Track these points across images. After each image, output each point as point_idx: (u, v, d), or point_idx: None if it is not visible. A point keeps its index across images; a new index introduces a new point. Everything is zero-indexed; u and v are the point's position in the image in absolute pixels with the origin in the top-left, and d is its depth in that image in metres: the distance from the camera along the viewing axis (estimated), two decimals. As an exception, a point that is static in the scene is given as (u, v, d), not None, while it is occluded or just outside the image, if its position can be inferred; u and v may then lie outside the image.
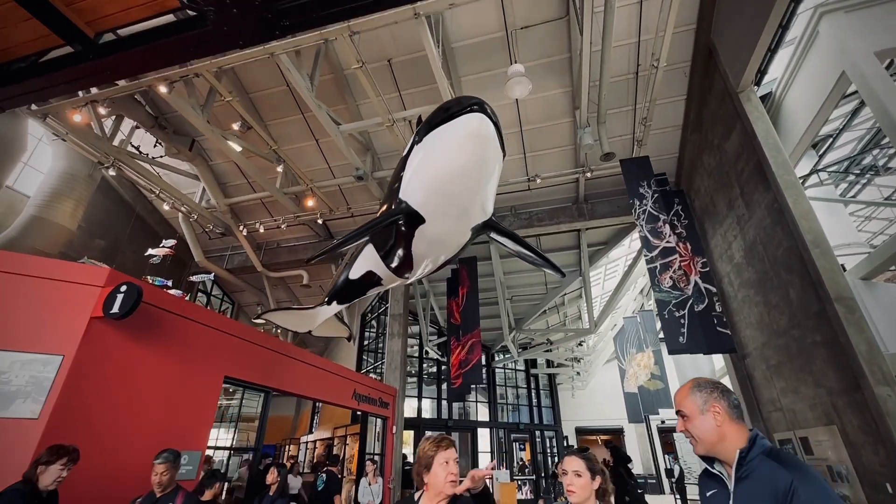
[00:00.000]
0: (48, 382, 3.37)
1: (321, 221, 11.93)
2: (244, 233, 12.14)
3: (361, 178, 10.18)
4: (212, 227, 12.52)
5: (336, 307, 8.47)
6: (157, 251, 10.74)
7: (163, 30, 2.93)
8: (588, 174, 9.95)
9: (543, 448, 17.63)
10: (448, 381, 12.05)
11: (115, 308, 3.65)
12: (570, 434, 23.64)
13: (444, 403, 15.59)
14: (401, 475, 9.66)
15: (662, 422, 22.30)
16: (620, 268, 14.86)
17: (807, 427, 6.48)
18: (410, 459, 12.20)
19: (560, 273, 5.62)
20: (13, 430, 3.21)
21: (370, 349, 14.48)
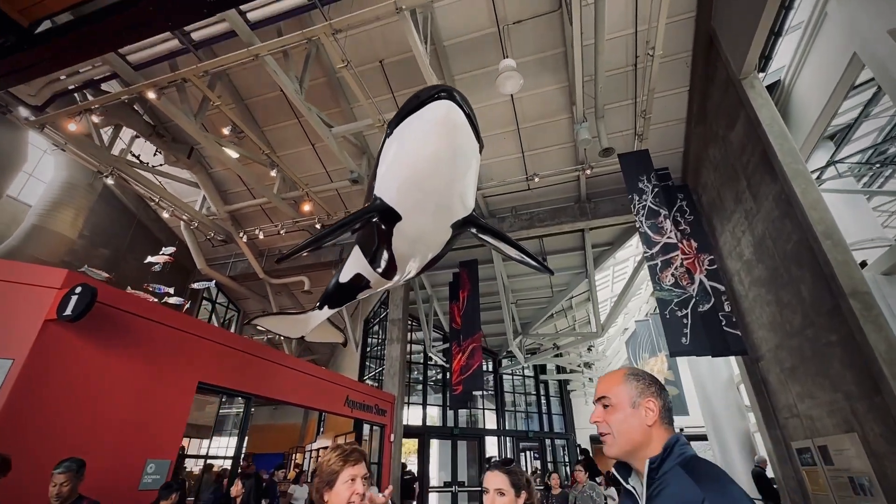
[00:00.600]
0: (-5, 388, 3.25)
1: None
2: (244, 239, 12.14)
3: (357, 181, 10.05)
4: (213, 235, 12.54)
5: (328, 311, 8.31)
6: (157, 259, 10.81)
7: (96, 14, 2.81)
8: (588, 171, 9.61)
9: (554, 457, 17.06)
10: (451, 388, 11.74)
11: (69, 310, 3.52)
12: (585, 442, 22.92)
13: (452, 411, 15.25)
14: (399, 485, 9.38)
15: (681, 430, 21.41)
16: (629, 269, 14.38)
17: (826, 435, 5.99)
18: (412, 469, 11.89)
19: (548, 271, 5.34)
20: (-43, 438, 3.08)
21: (373, 355, 14.28)
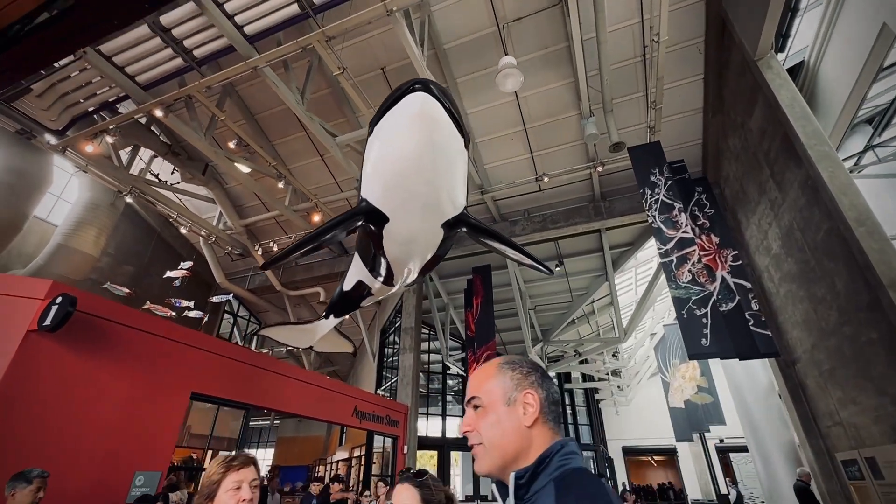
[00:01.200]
0: (-27, 400, 3.26)
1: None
2: (259, 252, 12.31)
3: (363, 190, 10.01)
4: (230, 249, 12.80)
5: (334, 320, 8.24)
6: (175, 273, 11.06)
7: (50, 20, 2.81)
8: (600, 168, 9.24)
9: (582, 470, 16.22)
10: (467, 398, 11.41)
11: (48, 320, 3.51)
12: (617, 454, 21.90)
13: (472, 422, 14.84)
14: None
15: (721, 440, 20.22)
16: (652, 271, 13.72)
17: (873, 445, 5.35)
18: (428, 482, 11.56)
19: (547, 270, 5.05)
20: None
21: (390, 365, 14.13)
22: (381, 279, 6.31)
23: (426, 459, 14.17)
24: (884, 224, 4.97)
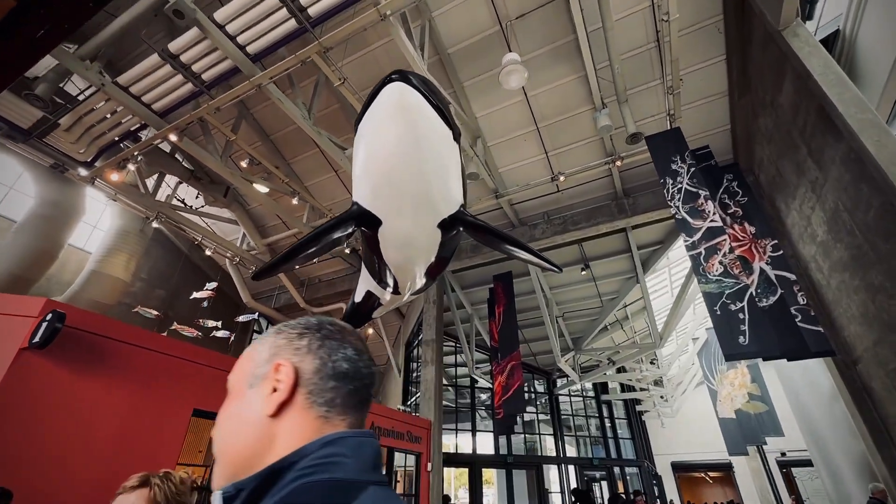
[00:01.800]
0: (-37, 419, 3.26)
1: (349, 251, 11.88)
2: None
3: (377, 201, 9.94)
4: (255, 269, 13.04)
5: (348, 334, 8.09)
6: (201, 294, 11.34)
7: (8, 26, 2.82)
8: (619, 163, 8.75)
9: (626, 487, 15.16)
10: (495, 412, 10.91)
11: (37, 337, 3.50)
12: (665, 470, 20.41)
13: (505, 437, 14.24)
14: (441, 519, 8.68)
15: (783, 453, 18.51)
16: (687, 270, 12.84)
17: (959, 455, 4.55)
18: (456, 503, 11.07)
19: (556, 268, 4.67)
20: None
21: (416, 380, 13.84)
22: (387, 287, 6.12)
23: (458, 477, 13.71)
24: (948, 195, 4.31)
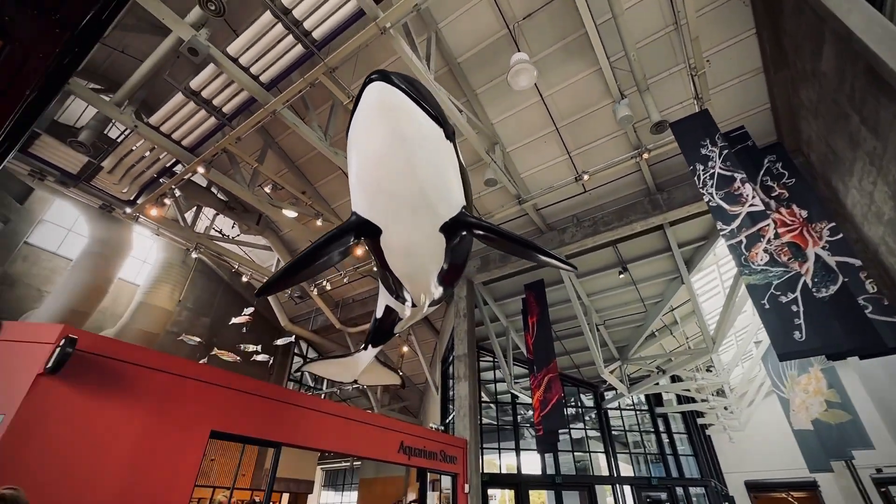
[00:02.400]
0: (-17, 444, 3.38)
1: (377, 269, 11.88)
2: (315, 292, 12.69)
3: (399, 217, 9.93)
4: (290, 293, 13.39)
5: (373, 350, 7.98)
6: (239, 320, 11.72)
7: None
8: (646, 155, 8.23)
9: (690, 510, 13.74)
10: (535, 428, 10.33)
11: (50, 363, 3.62)
12: (739, 490, 18.43)
13: (552, 456, 13.44)
14: (482, 545, 8.19)
15: (878, 470, 16.24)
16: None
17: None
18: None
19: (571, 268, 4.32)
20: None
21: (454, 398, 13.45)
22: (403, 300, 5.97)
23: (504, 499, 13.06)
24: None
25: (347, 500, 22.83)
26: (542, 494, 14.63)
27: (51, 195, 10.04)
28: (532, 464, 13.80)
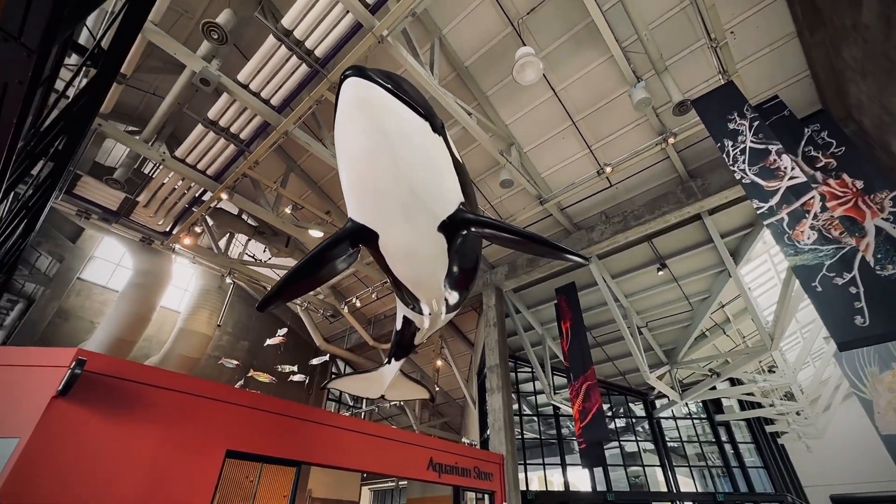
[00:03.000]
0: (0, 465, 3.46)
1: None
2: (346, 310, 12.76)
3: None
4: (322, 312, 13.55)
5: (396, 364, 7.80)
6: (273, 341, 11.95)
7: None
8: (671, 140, 7.69)
9: (766, 529, 12.22)
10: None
11: (60, 385, 3.69)
12: (823, 506, 16.45)
13: (602, 471, 12.55)
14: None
15: None
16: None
17: None
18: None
19: (580, 257, 3.96)
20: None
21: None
22: (418, 309, 5.76)
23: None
24: None
25: (396, 522, 22.46)
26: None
27: (98, 232, 10.77)
28: (582, 480, 12.97)
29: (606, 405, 14.31)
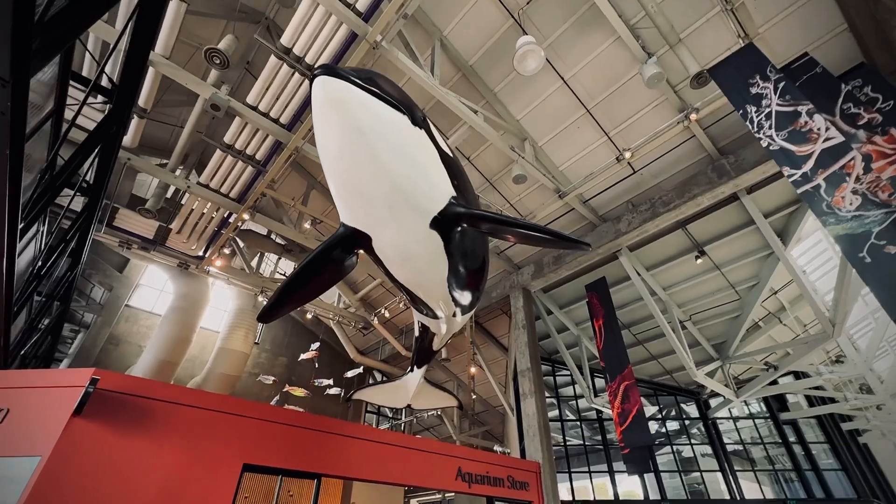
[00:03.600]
0: (22, 484, 3.60)
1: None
2: (375, 321, 12.81)
3: (438, 233, 9.72)
4: (354, 324, 13.68)
5: (419, 372, 7.64)
6: (306, 356, 12.16)
7: None
8: (693, 116, 7.16)
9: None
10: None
11: (76, 404, 3.82)
12: (923, 513, 14.45)
13: (653, 477, 11.72)
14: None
15: None
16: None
17: None
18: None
19: (581, 244, 3.67)
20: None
21: (531, 418, 12.47)
22: (429, 313, 5.61)
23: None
24: None
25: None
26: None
27: (141, 261, 11.46)
28: (630, 488, 12.18)
29: (655, 407, 13.42)
